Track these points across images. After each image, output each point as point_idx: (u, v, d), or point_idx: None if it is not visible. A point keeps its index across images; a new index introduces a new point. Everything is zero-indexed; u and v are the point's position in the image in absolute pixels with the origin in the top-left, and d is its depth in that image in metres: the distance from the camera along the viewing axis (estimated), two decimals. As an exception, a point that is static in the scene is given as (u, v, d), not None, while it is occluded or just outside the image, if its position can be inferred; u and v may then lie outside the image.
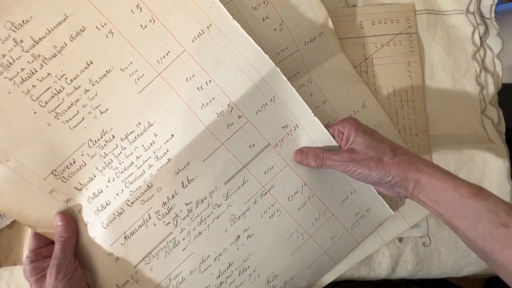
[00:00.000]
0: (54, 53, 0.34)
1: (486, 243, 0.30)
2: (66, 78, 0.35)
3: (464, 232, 0.32)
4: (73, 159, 0.37)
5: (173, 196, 0.38)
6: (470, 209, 0.31)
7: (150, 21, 0.36)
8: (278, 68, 0.38)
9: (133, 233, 0.38)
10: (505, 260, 0.29)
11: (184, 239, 0.39)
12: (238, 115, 0.38)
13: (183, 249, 0.39)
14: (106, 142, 0.37)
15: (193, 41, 0.37)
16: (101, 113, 0.36)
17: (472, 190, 0.31)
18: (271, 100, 0.39)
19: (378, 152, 0.36)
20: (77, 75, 0.35)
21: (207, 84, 0.37)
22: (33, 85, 0.34)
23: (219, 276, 0.41)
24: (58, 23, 0.34)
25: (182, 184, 0.38)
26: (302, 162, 0.40)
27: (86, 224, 0.38)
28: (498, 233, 0.29)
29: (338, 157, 0.37)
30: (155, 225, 0.38)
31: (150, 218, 0.38)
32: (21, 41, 0.33)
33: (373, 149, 0.37)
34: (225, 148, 0.39)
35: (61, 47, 0.34)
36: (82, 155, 0.37)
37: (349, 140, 0.38)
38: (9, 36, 0.33)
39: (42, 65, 0.34)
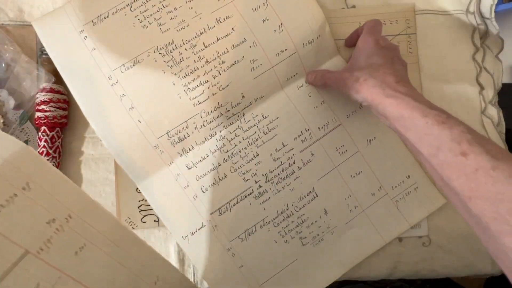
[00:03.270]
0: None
1: (444, 170, 0.30)
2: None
3: (426, 159, 0.32)
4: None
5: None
6: (434, 137, 0.31)
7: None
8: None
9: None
10: (458, 186, 0.29)
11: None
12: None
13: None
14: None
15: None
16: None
17: (440, 118, 0.31)
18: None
19: (360, 73, 0.37)
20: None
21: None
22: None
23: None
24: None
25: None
26: (312, 82, 0.45)
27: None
28: (455, 161, 0.29)
29: (335, 75, 0.41)
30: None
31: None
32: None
33: (359, 69, 0.38)
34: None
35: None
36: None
37: (351, 58, 0.41)
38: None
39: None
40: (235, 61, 0.43)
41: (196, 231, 0.44)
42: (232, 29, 0.43)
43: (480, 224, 0.28)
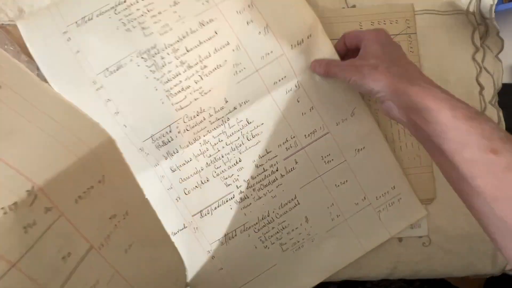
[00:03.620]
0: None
1: (468, 168, 0.28)
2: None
3: (449, 156, 0.29)
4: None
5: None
6: (461, 132, 0.29)
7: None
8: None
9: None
10: (483, 185, 0.27)
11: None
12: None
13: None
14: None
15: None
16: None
17: (469, 113, 0.29)
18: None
19: (379, 61, 0.35)
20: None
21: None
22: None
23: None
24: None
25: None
26: (314, 69, 0.43)
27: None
28: (484, 158, 0.27)
29: (342, 63, 0.39)
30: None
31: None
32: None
33: (376, 58, 0.36)
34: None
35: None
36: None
37: (363, 49, 0.38)
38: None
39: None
40: (217, 66, 0.42)
41: (177, 231, 0.44)
42: (215, 32, 0.42)
43: (503, 226, 0.26)
